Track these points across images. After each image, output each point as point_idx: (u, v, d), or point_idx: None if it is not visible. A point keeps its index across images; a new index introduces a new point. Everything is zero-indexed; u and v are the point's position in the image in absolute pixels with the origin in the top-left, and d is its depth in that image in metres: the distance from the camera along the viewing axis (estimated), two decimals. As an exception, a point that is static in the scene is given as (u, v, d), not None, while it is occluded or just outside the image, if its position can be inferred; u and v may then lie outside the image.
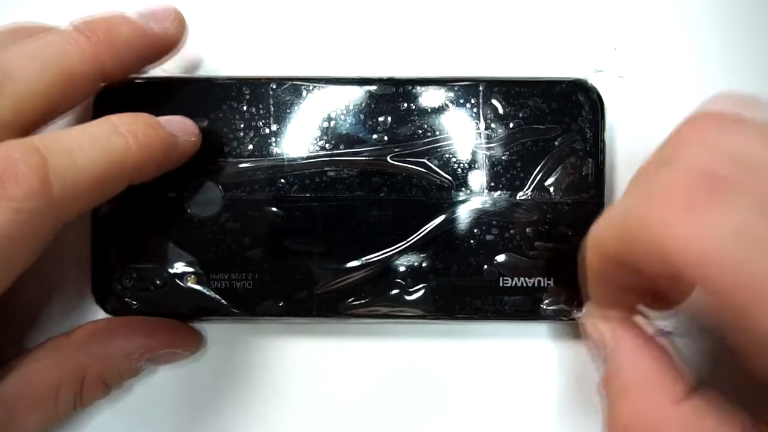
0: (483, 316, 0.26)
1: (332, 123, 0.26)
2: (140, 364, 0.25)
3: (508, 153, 0.26)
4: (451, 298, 0.26)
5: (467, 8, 0.28)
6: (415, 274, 0.26)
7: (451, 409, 0.28)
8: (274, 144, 0.26)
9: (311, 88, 0.26)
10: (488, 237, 0.26)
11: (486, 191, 0.26)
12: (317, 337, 0.28)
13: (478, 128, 0.26)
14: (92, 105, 0.26)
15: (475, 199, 0.26)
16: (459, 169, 0.26)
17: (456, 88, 0.26)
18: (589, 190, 0.26)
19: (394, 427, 0.28)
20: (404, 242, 0.26)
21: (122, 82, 0.26)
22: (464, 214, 0.26)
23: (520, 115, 0.26)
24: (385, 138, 0.26)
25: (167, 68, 0.27)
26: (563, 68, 0.27)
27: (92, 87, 0.23)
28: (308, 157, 0.26)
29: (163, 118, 0.23)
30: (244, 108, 0.26)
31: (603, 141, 0.26)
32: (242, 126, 0.26)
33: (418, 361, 0.28)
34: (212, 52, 0.28)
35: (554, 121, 0.26)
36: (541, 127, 0.26)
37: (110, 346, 0.24)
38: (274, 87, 0.26)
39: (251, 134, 0.26)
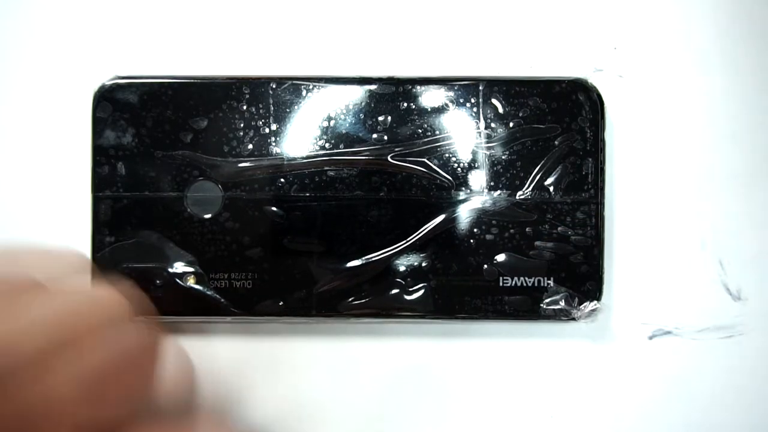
0: (483, 316, 0.26)
1: (332, 122, 0.26)
2: None
3: (508, 152, 0.26)
4: (450, 298, 0.26)
5: (467, 8, 0.28)
6: (414, 274, 0.26)
7: (451, 409, 0.28)
8: (273, 143, 0.26)
9: (311, 87, 0.26)
10: (488, 236, 0.26)
11: (486, 191, 0.26)
12: (317, 337, 0.28)
13: (478, 128, 0.26)
14: (93, 104, 0.26)
15: (475, 199, 0.26)
16: (459, 169, 0.26)
17: (456, 88, 0.26)
18: (588, 190, 0.26)
19: (395, 427, 0.28)
20: (404, 242, 0.26)
21: (122, 82, 0.26)
22: (464, 213, 0.26)
23: (520, 114, 0.26)
24: (385, 137, 0.26)
25: (167, 67, 0.27)
26: (563, 68, 0.27)
27: None
28: (308, 157, 0.26)
29: None
30: (244, 107, 0.26)
31: (603, 140, 0.26)
32: (242, 125, 0.26)
33: (418, 361, 0.28)
34: (212, 51, 0.28)
35: (554, 120, 0.26)
36: (541, 126, 0.26)
37: None
38: (274, 86, 0.26)
39: (251, 134, 0.26)
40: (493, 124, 0.26)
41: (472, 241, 0.26)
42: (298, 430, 0.28)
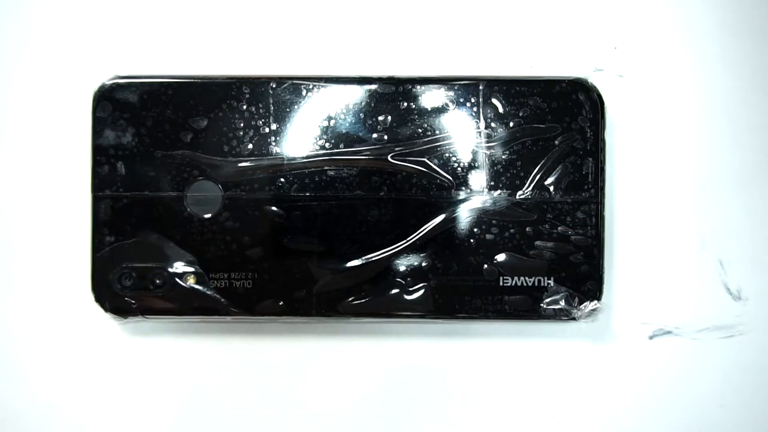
0: (483, 316, 0.26)
1: (332, 122, 0.26)
2: None
3: (508, 152, 0.26)
4: (451, 298, 0.26)
5: (467, 8, 0.28)
6: (414, 274, 0.26)
7: (451, 409, 0.28)
8: (273, 143, 0.26)
9: (311, 87, 0.26)
10: (488, 236, 0.26)
11: (486, 190, 0.26)
12: (317, 337, 0.28)
13: (479, 127, 0.26)
14: (92, 104, 0.26)
15: (475, 199, 0.26)
16: (459, 169, 0.26)
17: (456, 88, 0.26)
18: (589, 190, 0.26)
19: (394, 427, 0.28)
20: (404, 241, 0.26)
21: (122, 82, 0.26)
22: (464, 213, 0.26)
23: (521, 114, 0.26)
24: (385, 137, 0.26)
25: (167, 67, 0.27)
26: (563, 67, 0.27)
27: None
28: (308, 156, 0.26)
29: None
30: (244, 107, 0.26)
31: (603, 140, 0.26)
32: (242, 125, 0.26)
33: (418, 361, 0.28)
34: (212, 51, 0.28)
35: (554, 120, 0.26)
36: (542, 126, 0.26)
37: None
38: (274, 86, 0.26)
39: (251, 133, 0.26)
40: (493, 124, 0.26)
41: (472, 240, 0.26)
42: (298, 430, 0.28)
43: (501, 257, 0.26)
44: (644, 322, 0.28)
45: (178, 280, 0.26)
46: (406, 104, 0.26)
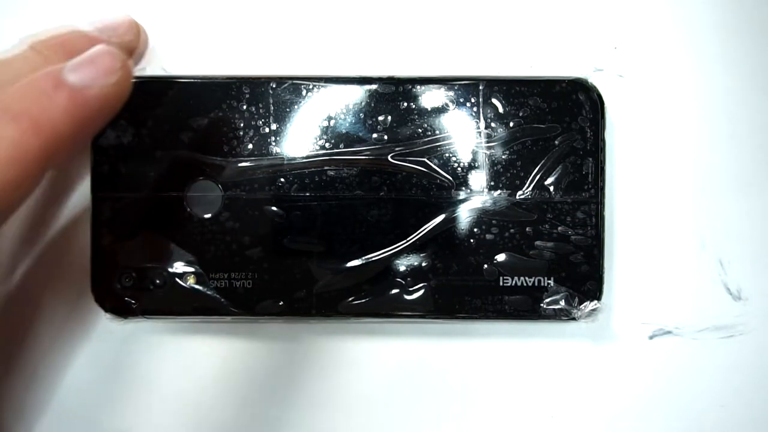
0: (483, 316, 0.26)
1: (332, 122, 0.26)
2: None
3: (508, 152, 0.26)
4: (451, 298, 0.26)
5: (467, 8, 0.28)
6: (415, 274, 0.26)
7: (451, 409, 0.28)
8: (273, 143, 0.26)
9: (311, 87, 0.26)
10: (488, 236, 0.26)
11: (486, 190, 0.26)
12: (317, 337, 0.28)
13: (479, 127, 0.26)
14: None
15: (475, 199, 0.26)
16: (459, 169, 0.26)
17: (456, 87, 0.26)
18: (589, 190, 0.26)
19: (394, 427, 0.28)
20: (404, 241, 0.26)
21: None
22: (464, 213, 0.26)
23: (520, 114, 0.26)
24: (385, 137, 0.26)
25: (167, 67, 0.27)
26: (563, 67, 0.27)
27: None
28: (308, 156, 0.26)
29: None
30: (244, 107, 0.26)
31: (603, 140, 0.26)
32: (242, 125, 0.26)
33: (418, 361, 0.28)
34: (212, 51, 0.28)
35: (554, 120, 0.26)
36: (541, 126, 0.26)
37: None
38: (274, 86, 0.26)
39: (251, 133, 0.26)
40: (493, 124, 0.26)
41: (472, 240, 0.26)
42: (298, 430, 0.28)
43: (501, 257, 0.26)
44: (644, 322, 0.28)
45: (178, 280, 0.26)
46: (406, 104, 0.26)
